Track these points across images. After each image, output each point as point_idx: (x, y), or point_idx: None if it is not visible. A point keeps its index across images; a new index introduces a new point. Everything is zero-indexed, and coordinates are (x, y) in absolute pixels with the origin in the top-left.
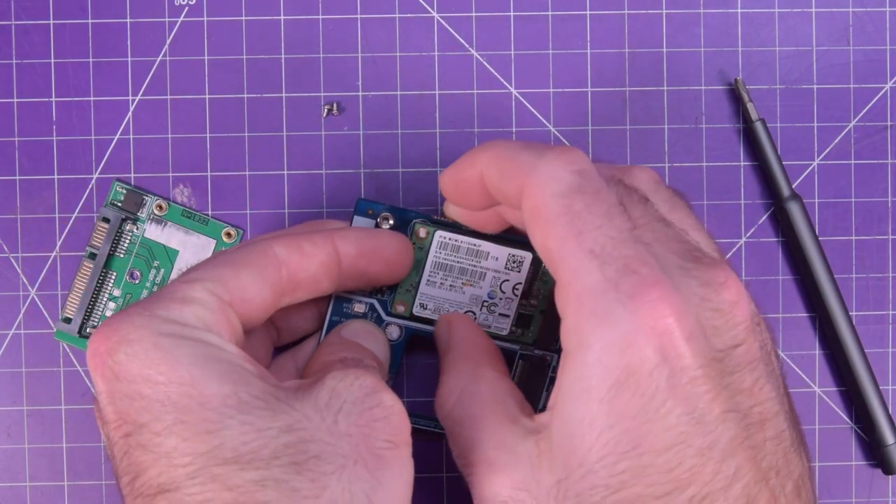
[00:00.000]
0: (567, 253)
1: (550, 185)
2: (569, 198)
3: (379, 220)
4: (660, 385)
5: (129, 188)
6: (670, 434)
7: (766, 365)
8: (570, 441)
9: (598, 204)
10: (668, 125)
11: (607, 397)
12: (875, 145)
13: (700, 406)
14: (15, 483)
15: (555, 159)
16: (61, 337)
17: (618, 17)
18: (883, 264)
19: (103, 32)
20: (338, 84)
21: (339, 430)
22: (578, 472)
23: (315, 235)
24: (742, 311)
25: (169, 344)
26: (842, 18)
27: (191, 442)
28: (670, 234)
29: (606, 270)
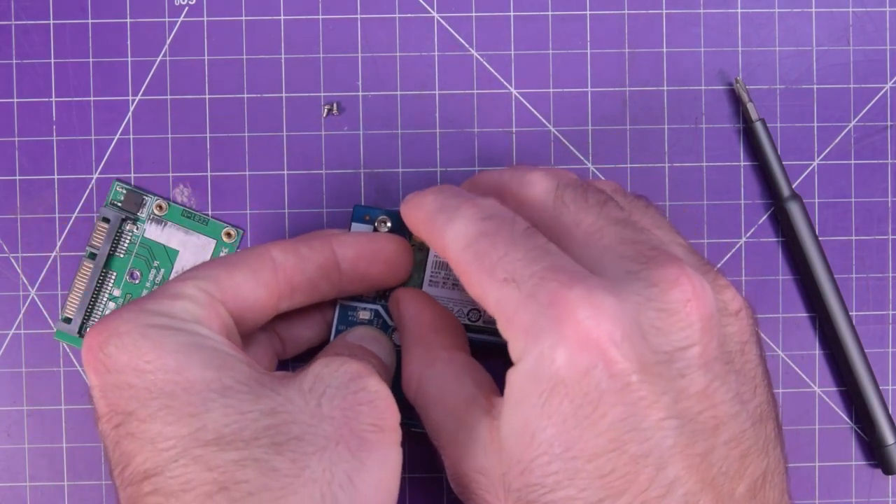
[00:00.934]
0: (487, 290)
1: (458, 242)
2: (474, 244)
3: (377, 224)
4: (590, 390)
5: (129, 188)
6: (602, 440)
7: (725, 364)
8: (511, 439)
9: (500, 237)
10: (668, 125)
11: (539, 403)
12: (875, 145)
13: (636, 412)
14: (15, 483)
15: (459, 218)
16: (61, 337)
17: (618, 17)
18: (883, 264)
19: (103, 32)
20: (338, 84)
21: (322, 413)
22: (517, 468)
23: (312, 240)
24: (696, 311)
25: (156, 334)
26: (842, 18)
27: (174, 426)
28: (625, 236)
29: (523, 289)
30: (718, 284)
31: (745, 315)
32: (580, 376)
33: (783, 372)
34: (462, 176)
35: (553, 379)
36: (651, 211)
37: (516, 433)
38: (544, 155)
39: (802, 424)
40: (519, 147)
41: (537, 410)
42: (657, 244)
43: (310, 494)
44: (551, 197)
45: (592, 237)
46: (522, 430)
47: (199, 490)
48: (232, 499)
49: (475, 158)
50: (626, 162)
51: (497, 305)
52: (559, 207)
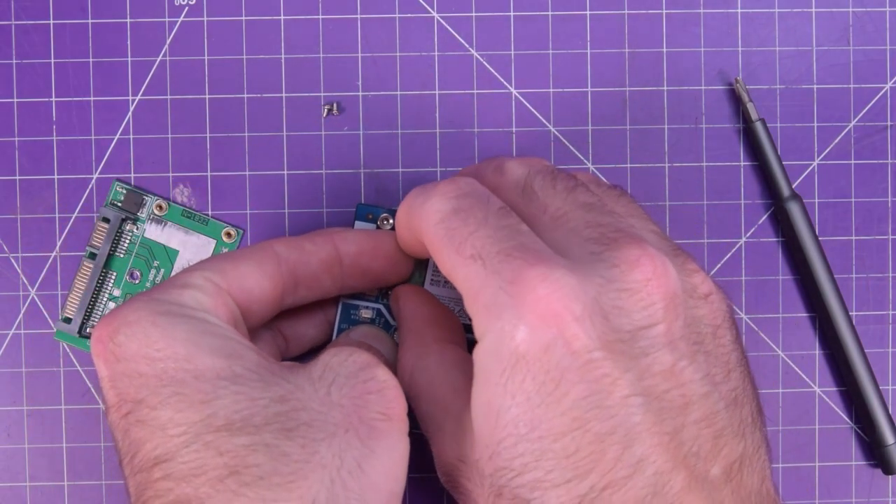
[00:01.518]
0: (455, 266)
1: (432, 217)
2: (447, 220)
3: (380, 222)
4: (551, 368)
5: (129, 188)
6: (566, 419)
7: (693, 344)
8: (478, 421)
9: (472, 215)
10: (668, 125)
11: (501, 381)
12: (875, 145)
13: (598, 389)
14: (15, 483)
15: (435, 195)
16: (61, 337)
17: (618, 17)
18: (883, 264)
19: (103, 32)
20: (338, 84)
21: (332, 401)
22: (486, 452)
23: (315, 236)
24: (659, 291)
25: (165, 322)
26: (842, 18)
27: (185, 413)
28: (590, 219)
29: (488, 266)
30: (687, 268)
31: (717, 299)
32: (541, 352)
33: (783, 372)
34: None
35: (514, 355)
36: (625, 200)
37: (483, 414)
38: (544, 155)
39: (802, 424)
40: (519, 147)
41: (500, 389)
42: (622, 227)
43: (319, 479)
44: (521, 183)
45: (558, 221)
46: (487, 411)
47: (211, 474)
48: (242, 482)
49: (475, 158)
50: (626, 162)
51: (464, 283)
52: (528, 194)
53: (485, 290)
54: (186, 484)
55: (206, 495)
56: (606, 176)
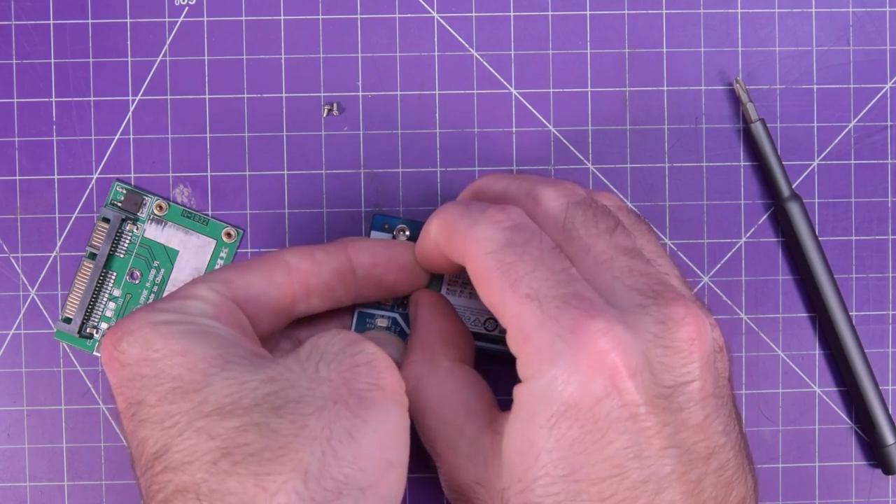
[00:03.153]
0: (507, 302)
1: (483, 246)
2: (500, 253)
3: (395, 233)
4: (600, 418)
5: (129, 188)
6: (606, 465)
7: (718, 398)
8: (514, 457)
9: (529, 252)
10: (668, 125)
11: (548, 425)
12: (875, 145)
13: (640, 441)
14: (15, 483)
15: (486, 221)
16: (61, 337)
17: (618, 17)
18: (883, 264)
19: (103, 32)
20: (338, 84)
21: (320, 377)
22: (518, 486)
23: (329, 245)
24: (698, 349)
25: (165, 327)
26: (842, 18)
27: (178, 403)
28: (634, 267)
29: (545, 309)
30: (710, 323)
31: (727, 351)
32: (593, 403)
33: (783, 372)
34: (462, 176)
35: (565, 403)
36: (652, 237)
37: (520, 451)
38: (544, 155)
39: (802, 424)
40: (519, 147)
41: (545, 432)
42: (664, 280)
43: (310, 451)
44: (562, 217)
45: (602, 266)
46: (527, 449)
47: (204, 459)
48: (234, 461)
49: (475, 158)
50: (626, 162)
51: (515, 319)
52: (570, 230)
53: (540, 334)
54: (182, 472)
55: (202, 480)
56: (606, 176)
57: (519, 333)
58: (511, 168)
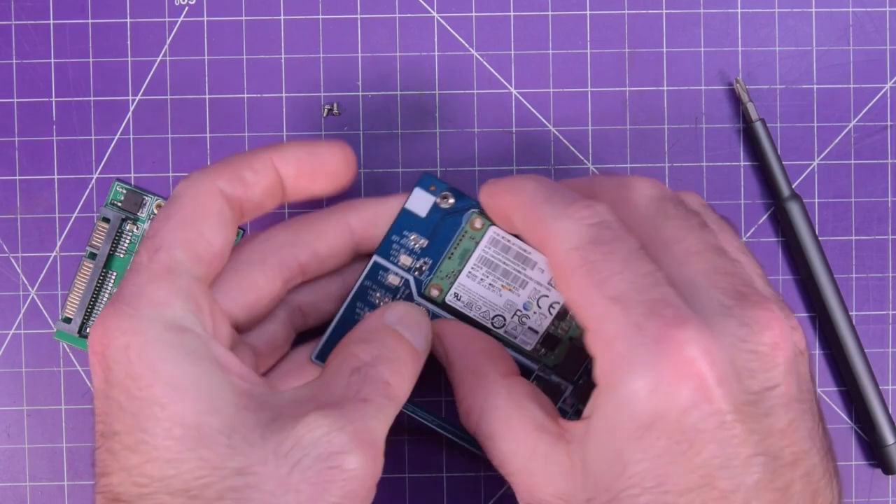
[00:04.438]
0: (590, 302)
1: (567, 240)
2: (585, 249)
3: (439, 199)
4: (688, 428)
5: (129, 188)
6: (695, 476)
7: (801, 402)
8: (599, 467)
9: (615, 252)
10: (668, 125)
11: (635, 436)
12: (875, 145)
13: (728, 450)
14: (15, 483)
15: (571, 216)
16: (61, 337)
17: (618, 17)
18: (883, 264)
19: (103, 32)
20: (338, 84)
21: (290, 483)
22: (604, 496)
23: (254, 161)
24: (782, 353)
25: (155, 355)
26: (842, 18)
27: (151, 465)
28: (720, 266)
29: (630, 315)
30: (793, 324)
31: (807, 353)
32: (680, 413)
33: None
34: (462, 176)
35: (653, 414)
36: (736, 237)
37: (607, 462)
38: (544, 155)
39: None
40: (519, 147)
41: (632, 443)
42: (748, 280)
43: None
44: (654, 206)
45: (690, 258)
46: (614, 461)
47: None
48: None
49: (475, 158)
50: (626, 162)
51: (597, 322)
52: (661, 219)
53: (624, 340)
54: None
55: None
56: None
57: (600, 337)
58: (511, 168)
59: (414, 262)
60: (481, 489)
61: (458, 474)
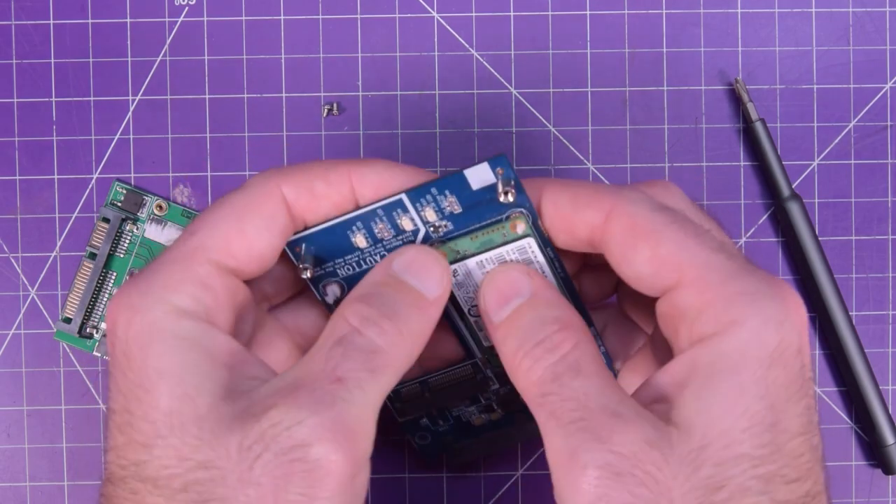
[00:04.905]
0: (693, 251)
1: (644, 204)
2: (666, 211)
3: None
4: (797, 369)
5: (129, 188)
6: (800, 420)
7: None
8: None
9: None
10: (668, 125)
11: (762, 367)
12: (875, 145)
13: (812, 406)
14: (15, 483)
15: (632, 191)
16: (61, 337)
17: (618, 17)
18: (883, 264)
19: (103, 32)
20: (338, 84)
21: (251, 477)
22: (721, 440)
23: (329, 173)
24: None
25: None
26: (842, 18)
27: (129, 448)
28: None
29: (736, 260)
30: None
31: None
32: (795, 353)
33: None
34: None
35: (780, 346)
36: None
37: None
38: (544, 155)
39: None
40: (519, 147)
41: (760, 373)
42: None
43: None
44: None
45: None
46: (736, 399)
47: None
48: None
49: (475, 158)
50: (626, 162)
51: (705, 267)
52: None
53: (740, 279)
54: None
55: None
56: (606, 176)
57: (712, 279)
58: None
59: (437, 220)
60: (481, 489)
61: (458, 474)
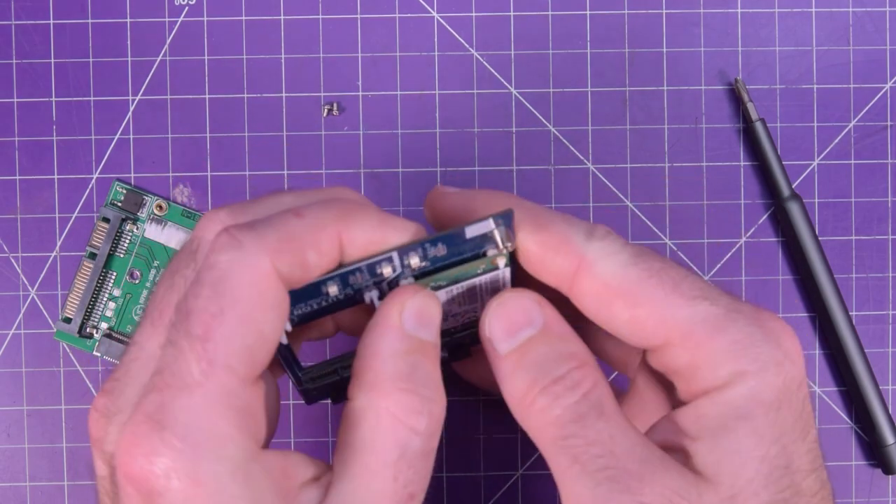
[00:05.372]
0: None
1: (617, 258)
2: (642, 262)
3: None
4: (801, 405)
5: (129, 188)
6: (809, 457)
7: None
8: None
9: (668, 260)
10: (668, 125)
11: (772, 410)
12: (875, 145)
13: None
14: (15, 483)
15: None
16: (61, 337)
17: (618, 17)
18: (883, 264)
19: (103, 32)
20: (338, 84)
21: None
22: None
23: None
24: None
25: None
26: (842, 18)
27: None
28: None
29: (721, 305)
30: None
31: None
32: (796, 388)
33: None
34: (462, 176)
35: (782, 390)
36: None
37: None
38: (544, 155)
39: None
40: (519, 147)
41: (770, 419)
42: None
43: None
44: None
45: None
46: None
47: None
48: None
49: (475, 158)
50: (626, 162)
51: (689, 322)
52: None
53: (728, 328)
54: None
55: None
56: (606, 176)
57: (700, 335)
58: (511, 168)
59: (418, 263)
60: (481, 489)
61: (459, 474)
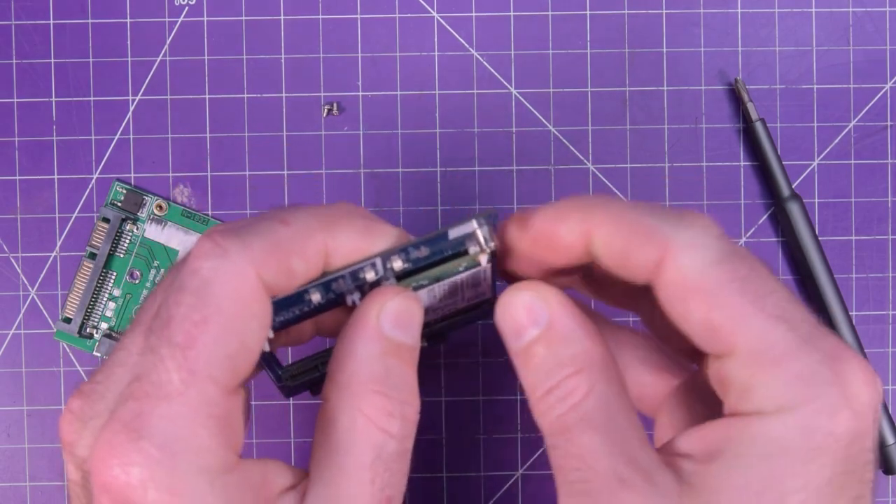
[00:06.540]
0: (749, 319)
1: (704, 254)
2: (730, 263)
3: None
4: (850, 460)
5: (129, 188)
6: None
7: None
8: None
9: (760, 267)
10: (668, 125)
11: (804, 461)
12: (875, 145)
13: (865, 494)
14: (15, 483)
15: (694, 225)
16: (61, 337)
17: (618, 17)
18: (883, 264)
19: (103, 32)
20: (338, 84)
21: None
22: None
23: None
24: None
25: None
26: (842, 18)
27: None
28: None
29: (799, 332)
30: None
31: None
32: (850, 441)
33: None
34: (462, 175)
35: (828, 437)
36: None
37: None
38: (544, 155)
39: None
40: (519, 147)
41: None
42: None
43: None
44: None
45: None
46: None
47: None
48: None
49: (475, 158)
50: (626, 162)
51: (760, 341)
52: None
53: (798, 359)
54: None
55: None
56: (606, 176)
57: (766, 356)
58: (511, 168)
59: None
60: (481, 489)
61: (459, 474)
